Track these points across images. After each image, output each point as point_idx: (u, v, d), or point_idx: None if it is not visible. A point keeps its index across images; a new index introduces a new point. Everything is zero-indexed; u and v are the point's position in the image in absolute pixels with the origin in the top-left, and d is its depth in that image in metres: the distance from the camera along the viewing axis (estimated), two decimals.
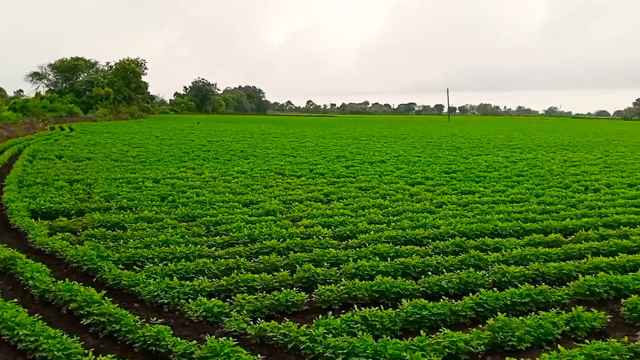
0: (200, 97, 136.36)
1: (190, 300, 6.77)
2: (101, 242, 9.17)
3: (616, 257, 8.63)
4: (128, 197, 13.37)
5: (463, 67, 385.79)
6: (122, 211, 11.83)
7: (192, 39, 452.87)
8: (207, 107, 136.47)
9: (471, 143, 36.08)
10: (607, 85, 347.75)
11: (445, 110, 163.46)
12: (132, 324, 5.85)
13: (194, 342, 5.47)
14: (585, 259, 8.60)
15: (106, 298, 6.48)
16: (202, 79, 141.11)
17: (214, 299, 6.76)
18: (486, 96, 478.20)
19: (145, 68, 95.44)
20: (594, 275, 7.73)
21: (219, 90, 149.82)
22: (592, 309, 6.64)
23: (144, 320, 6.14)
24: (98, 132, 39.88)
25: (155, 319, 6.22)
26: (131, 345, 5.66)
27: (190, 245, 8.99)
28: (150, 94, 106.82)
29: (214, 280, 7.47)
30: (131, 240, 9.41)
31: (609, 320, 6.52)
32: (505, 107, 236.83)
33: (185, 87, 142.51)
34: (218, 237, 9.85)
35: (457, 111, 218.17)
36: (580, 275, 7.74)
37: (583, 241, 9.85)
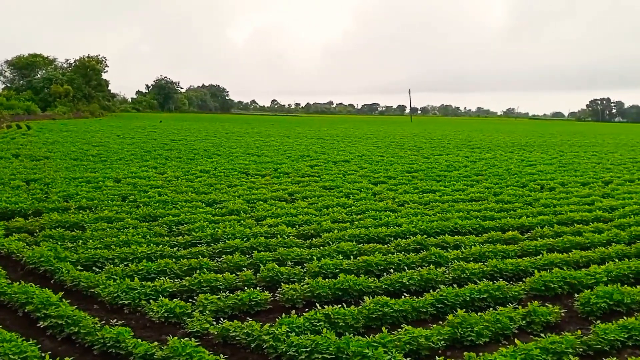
0: (162, 95, 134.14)
1: (151, 301, 6.69)
2: (59, 243, 8.96)
3: (570, 253, 8.93)
4: (88, 196, 13.09)
5: (425, 68, 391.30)
6: (81, 211, 11.58)
7: (154, 36, 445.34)
8: (170, 105, 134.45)
9: (432, 143, 36.65)
10: (562, 87, 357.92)
11: (408, 110, 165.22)
12: (91, 325, 5.75)
13: (156, 343, 5.43)
14: (541, 255, 8.87)
15: (64, 300, 6.35)
16: (165, 77, 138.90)
17: (176, 299, 6.71)
18: (447, 97, 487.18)
19: (106, 65, 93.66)
20: (549, 271, 7.99)
21: (182, 88, 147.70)
22: (547, 304, 6.84)
23: (104, 322, 6.04)
24: (57, 131, 38.85)
25: (115, 320, 6.14)
26: (90, 348, 5.57)
27: (151, 245, 8.87)
28: (112, 91, 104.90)
29: (176, 280, 7.40)
30: (90, 240, 9.23)
31: (563, 314, 6.74)
32: (465, 108, 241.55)
33: (147, 85, 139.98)
34: (180, 237, 9.76)
35: (419, 112, 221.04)
36: (536, 271, 7.96)
37: (539, 238, 10.16)
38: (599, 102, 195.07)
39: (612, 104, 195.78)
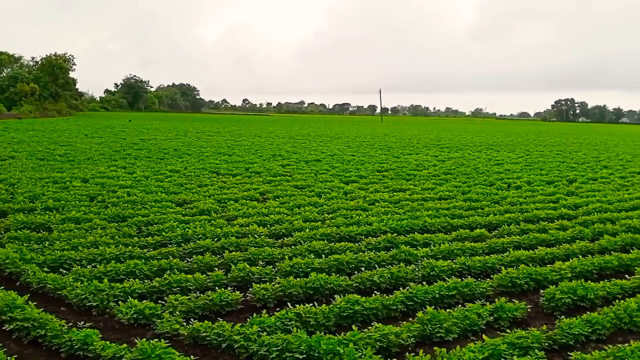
0: (132, 94, 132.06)
1: (120, 302, 6.61)
2: (25, 245, 8.76)
3: (536, 250, 9.13)
4: (54, 197, 12.82)
5: (395, 68, 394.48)
6: (47, 212, 11.34)
7: (123, 34, 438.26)
8: (139, 104, 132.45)
9: (402, 143, 37.01)
10: (528, 88, 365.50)
11: (378, 110, 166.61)
12: (58, 328, 5.65)
13: (124, 345, 5.36)
14: (508, 252, 9.04)
15: (30, 302, 6.22)
16: (134, 75, 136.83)
17: (145, 300, 6.64)
18: (417, 98, 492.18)
19: (74, 64, 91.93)
20: (515, 267, 8.13)
21: (151, 87, 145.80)
22: (514, 300, 6.98)
23: (71, 324, 5.94)
24: (22, 130, 37.93)
25: (83, 322, 6.03)
26: (57, 351, 5.47)
27: (120, 246, 8.74)
28: (79, 90, 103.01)
29: (145, 281, 7.31)
30: (57, 242, 9.05)
31: (529, 310, 6.88)
32: (434, 108, 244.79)
33: (116, 84, 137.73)
34: (150, 237, 9.64)
35: (390, 112, 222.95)
36: (503, 268, 8.12)
37: (506, 235, 10.37)
38: (564, 102, 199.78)
39: (576, 105, 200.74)
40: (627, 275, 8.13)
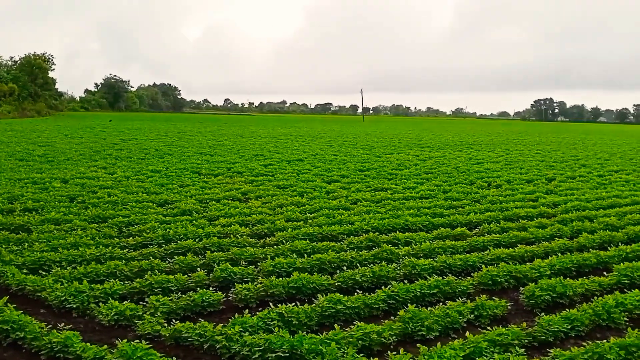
0: (112, 94, 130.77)
1: (101, 304, 6.54)
2: (4, 246, 8.63)
3: (515, 248, 9.22)
4: (34, 198, 12.64)
5: (377, 68, 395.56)
6: (27, 213, 11.17)
7: (103, 34, 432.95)
8: (120, 104, 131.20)
9: (384, 142, 37.16)
10: (508, 88, 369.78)
11: (360, 110, 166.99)
12: (37, 330, 5.58)
13: (105, 346, 5.31)
14: (488, 250, 9.14)
15: (9, 304, 6.12)
16: (115, 75, 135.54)
17: (126, 301, 6.58)
18: (398, 97, 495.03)
19: (53, 63, 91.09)
20: (496, 265, 8.22)
21: (132, 87, 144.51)
22: (494, 298, 7.03)
23: (51, 326, 5.87)
24: (1, 130, 37.37)
25: (63, 324, 5.97)
26: (37, 353, 5.40)
27: (101, 247, 8.64)
28: (59, 90, 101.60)
29: (126, 282, 7.25)
30: (37, 243, 8.92)
31: (509, 307, 6.95)
32: (415, 107, 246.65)
33: (96, 84, 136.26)
34: (131, 238, 9.57)
35: (371, 111, 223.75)
36: (483, 266, 8.20)
37: (486, 234, 10.46)
38: (543, 102, 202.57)
39: (555, 104, 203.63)
40: (605, 273, 8.26)
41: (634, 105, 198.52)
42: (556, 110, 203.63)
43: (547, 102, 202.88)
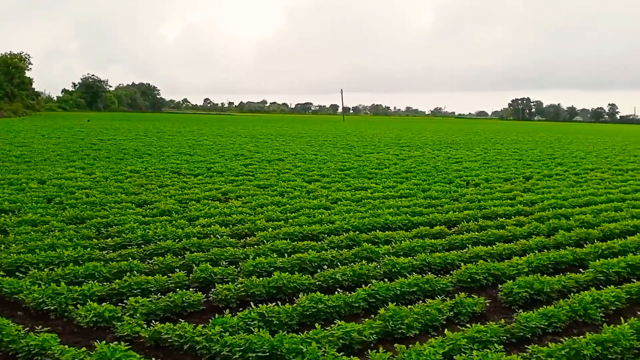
0: (90, 94, 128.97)
1: (79, 305, 6.46)
2: None
3: (494, 246, 9.33)
4: (10, 199, 12.40)
5: (356, 68, 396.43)
6: (3, 214, 10.97)
7: (80, 33, 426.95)
8: (98, 104, 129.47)
9: (364, 142, 37.29)
10: (485, 87, 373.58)
11: (340, 110, 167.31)
12: (14, 333, 5.50)
13: (84, 348, 5.26)
14: (467, 248, 9.22)
15: None
16: (93, 75, 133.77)
17: (105, 303, 6.52)
18: (378, 97, 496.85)
19: (30, 63, 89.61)
20: (474, 263, 8.32)
21: (110, 87, 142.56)
22: (473, 295, 7.11)
23: (28, 328, 5.79)
24: None
25: (40, 327, 5.88)
26: (14, 356, 5.32)
27: (79, 248, 8.54)
28: (36, 90, 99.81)
29: (105, 284, 7.18)
30: (14, 245, 8.78)
31: (488, 304, 7.03)
32: (395, 107, 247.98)
33: (74, 84, 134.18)
34: (109, 239, 9.46)
35: (351, 111, 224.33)
36: (462, 264, 8.26)
37: (465, 232, 10.58)
38: (520, 101, 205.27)
39: (532, 104, 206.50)
40: (581, 269, 8.41)
41: (608, 104, 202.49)
42: (533, 110, 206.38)
43: (524, 101, 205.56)
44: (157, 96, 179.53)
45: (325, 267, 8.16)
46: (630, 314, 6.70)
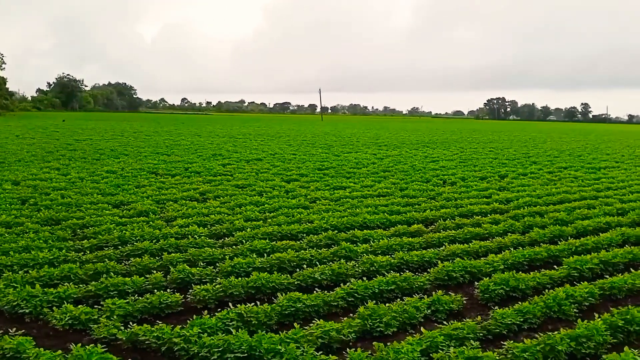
0: (65, 93, 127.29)
1: (54, 308, 6.37)
2: None
3: (470, 244, 9.43)
4: None
5: (334, 68, 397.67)
6: None
7: (55, 32, 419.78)
8: (73, 104, 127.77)
9: (342, 141, 37.39)
10: (462, 87, 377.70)
11: (318, 109, 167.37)
12: None
13: (59, 351, 5.19)
14: (444, 246, 9.32)
15: None
16: (68, 74, 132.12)
17: (81, 305, 6.43)
18: (356, 97, 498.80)
19: (3, 62, 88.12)
20: (451, 261, 8.40)
21: (86, 86, 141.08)
22: (450, 293, 7.20)
23: (3, 332, 5.70)
24: None
25: (15, 330, 5.78)
26: None
27: (54, 250, 8.40)
28: (10, 90, 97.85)
29: (81, 286, 7.09)
30: None
31: (465, 301, 7.10)
32: (373, 107, 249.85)
33: (49, 83, 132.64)
34: (85, 240, 9.33)
35: (330, 111, 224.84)
36: (439, 262, 8.35)
37: (442, 230, 10.68)
38: (495, 101, 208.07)
39: (507, 103, 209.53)
40: (555, 266, 8.53)
41: (581, 104, 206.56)
42: (508, 109, 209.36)
43: (500, 101, 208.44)
44: (134, 96, 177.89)
45: (304, 266, 8.16)
46: (604, 310, 6.83)
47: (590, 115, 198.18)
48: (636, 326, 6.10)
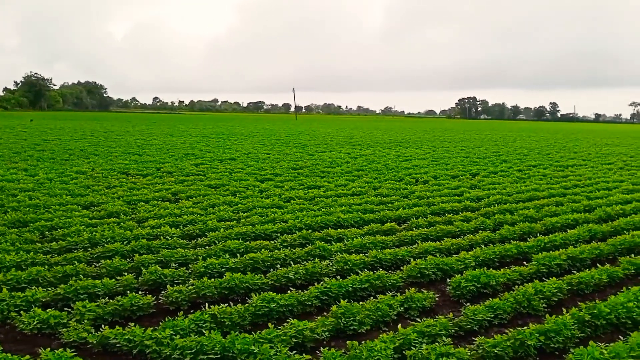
0: (33, 92, 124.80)
1: (22, 312, 6.24)
2: None
3: (442, 241, 9.53)
4: None
5: (308, 67, 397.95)
6: None
7: (22, 30, 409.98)
8: (41, 103, 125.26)
9: (316, 140, 37.42)
10: (434, 87, 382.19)
11: (292, 109, 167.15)
12: None
13: (27, 356, 5.08)
14: (417, 244, 9.40)
15: None
16: (36, 73, 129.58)
17: (50, 309, 6.31)
18: (330, 96, 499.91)
19: None
20: (424, 258, 8.47)
21: (55, 85, 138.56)
22: (423, 290, 7.26)
23: None
24: None
25: None
26: None
27: (21, 253, 8.22)
28: None
29: (49, 289, 6.95)
30: None
31: (437, 298, 7.19)
32: (347, 106, 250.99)
33: (16, 82, 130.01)
34: (54, 242, 9.14)
35: (304, 110, 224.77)
36: (412, 260, 8.43)
37: (414, 228, 10.77)
38: (467, 100, 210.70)
39: (478, 103, 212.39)
40: (525, 262, 8.72)
41: (550, 103, 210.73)
42: (479, 109, 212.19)
43: (471, 100, 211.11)
44: (104, 95, 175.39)
45: (278, 266, 8.16)
46: (572, 305, 6.98)
47: (559, 115, 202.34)
48: (603, 320, 6.26)
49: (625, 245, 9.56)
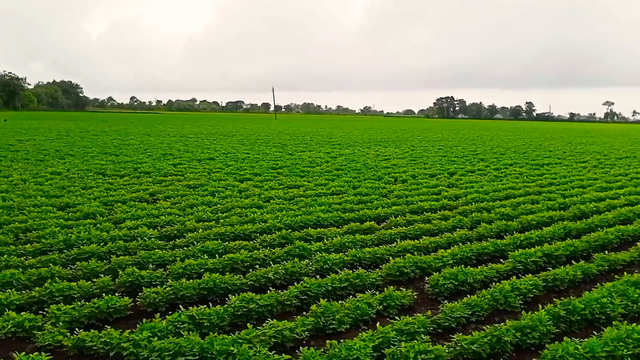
0: (7, 92, 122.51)
1: None
2: None
3: (421, 239, 9.60)
4: None
5: (288, 67, 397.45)
6: None
7: None
8: (15, 103, 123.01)
9: (296, 140, 37.41)
10: (412, 86, 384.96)
11: (272, 108, 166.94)
12: None
13: None
14: (395, 243, 9.43)
15: None
16: (9, 72, 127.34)
17: (24, 312, 6.20)
18: (309, 96, 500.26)
19: None
20: (402, 257, 8.51)
21: (29, 84, 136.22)
22: (401, 288, 7.30)
23: None
24: None
25: None
26: None
27: None
28: None
29: (24, 292, 6.83)
30: None
31: (416, 296, 7.24)
32: (326, 106, 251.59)
33: None
34: (29, 244, 8.98)
35: (283, 110, 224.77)
36: (391, 258, 8.46)
37: (393, 227, 10.82)
38: (444, 100, 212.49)
39: (456, 102, 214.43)
40: (501, 260, 8.81)
41: (526, 102, 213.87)
42: (457, 108, 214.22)
43: (449, 100, 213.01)
44: (80, 94, 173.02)
45: (258, 266, 8.12)
46: (547, 301, 7.08)
47: (534, 114, 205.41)
48: (577, 316, 6.37)
49: (599, 242, 9.74)
